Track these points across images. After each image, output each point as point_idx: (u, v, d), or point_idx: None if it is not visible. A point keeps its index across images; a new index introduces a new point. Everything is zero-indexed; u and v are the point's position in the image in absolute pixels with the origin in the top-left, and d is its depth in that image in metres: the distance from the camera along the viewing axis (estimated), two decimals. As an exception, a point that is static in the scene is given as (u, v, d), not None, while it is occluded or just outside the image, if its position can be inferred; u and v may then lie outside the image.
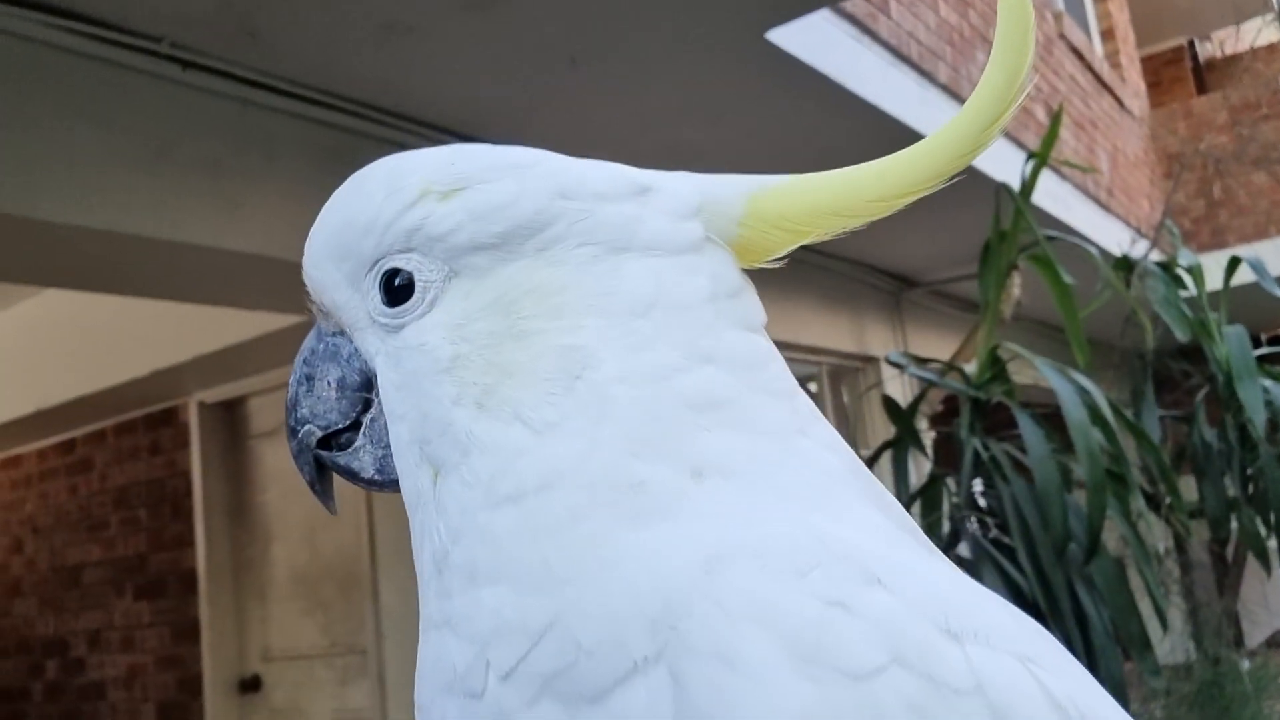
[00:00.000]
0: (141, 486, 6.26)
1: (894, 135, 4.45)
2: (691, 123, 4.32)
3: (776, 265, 0.88)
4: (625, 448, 0.77)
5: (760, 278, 0.89)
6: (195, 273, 3.74)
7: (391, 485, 0.87)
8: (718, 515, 0.74)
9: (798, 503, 0.76)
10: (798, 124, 4.49)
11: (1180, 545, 5.42)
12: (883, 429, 6.58)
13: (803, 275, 5.81)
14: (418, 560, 0.83)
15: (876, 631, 0.68)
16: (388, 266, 0.84)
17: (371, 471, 0.89)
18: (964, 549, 3.48)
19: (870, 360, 7.15)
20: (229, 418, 5.98)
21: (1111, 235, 7.25)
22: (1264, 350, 5.12)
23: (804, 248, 0.87)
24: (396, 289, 0.84)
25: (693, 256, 0.84)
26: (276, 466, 5.70)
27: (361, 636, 5.25)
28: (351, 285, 0.87)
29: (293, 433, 0.91)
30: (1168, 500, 3.78)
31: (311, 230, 0.90)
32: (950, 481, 3.54)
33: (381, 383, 0.86)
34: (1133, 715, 0.85)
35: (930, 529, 3.57)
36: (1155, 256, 5.19)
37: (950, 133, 0.84)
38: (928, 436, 4.24)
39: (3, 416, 6.24)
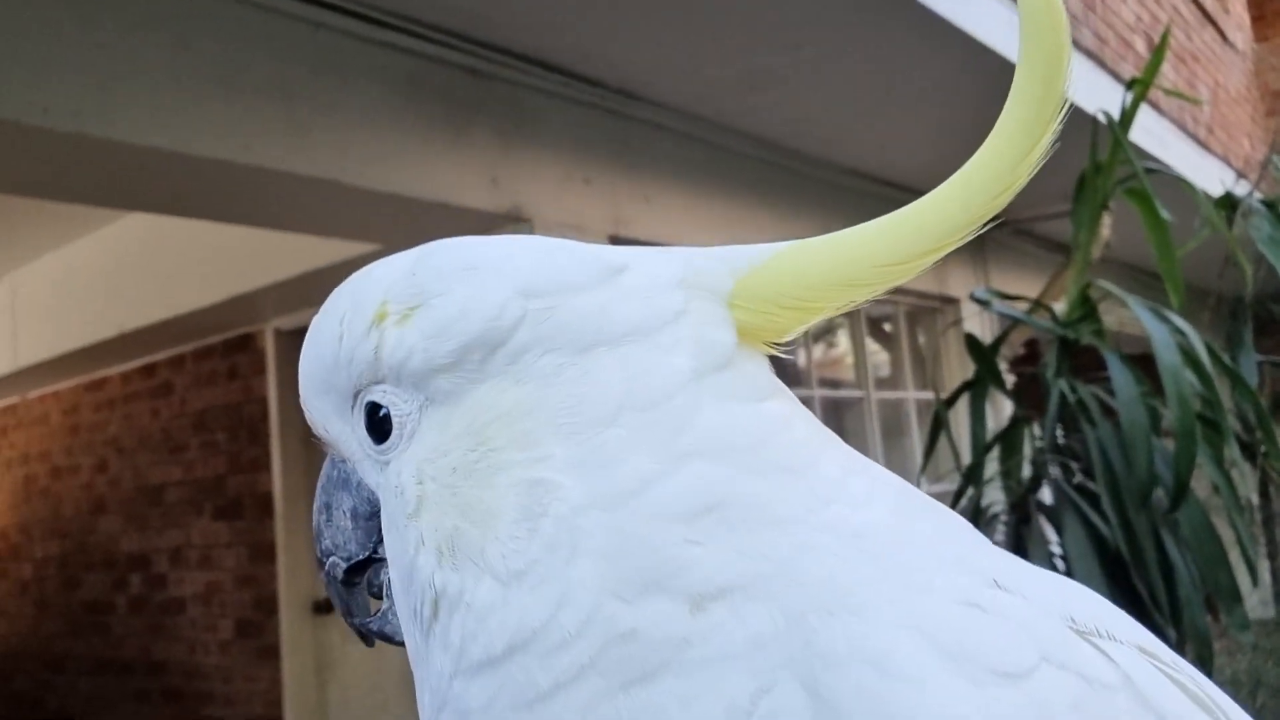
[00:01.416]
0: (220, 410, 6.38)
1: (984, 63, 4.25)
2: (773, 49, 4.17)
3: (787, 354, 0.77)
4: (603, 588, 0.66)
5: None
6: (266, 197, 3.74)
7: None
8: (731, 655, 0.64)
9: (833, 597, 0.65)
10: (882, 51, 4.32)
11: (1266, 495, 5.23)
12: (959, 371, 6.43)
13: (881, 209, 5.63)
14: None
15: (1019, 631, 0.63)
16: (368, 400, 0.77)
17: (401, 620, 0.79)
18: (1045, 494, 3.37)
19: (950, 301, 6.98)
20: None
21: (1210, 174, 6.93)
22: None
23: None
24: (380, 421, 0.76)
25: (671, 329, 0.72)
26: (350, 394, 5.76)
27: (431, 563, 5.31)
28: (340, 418, 0.81)
29: (320, 564, 0.86)
30: (1263, 449, 3.62)
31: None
32: (1034, 425, 3.43)
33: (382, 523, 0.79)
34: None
35: (1009, 473, 3.47)
36: (1258, 196, 4.93)
37: (979, 171, 0.70)
38: (1007, 380, 4.11)
39: (87, 339, 6.39)
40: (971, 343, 3.62)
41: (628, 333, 0.72)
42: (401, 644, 0.80)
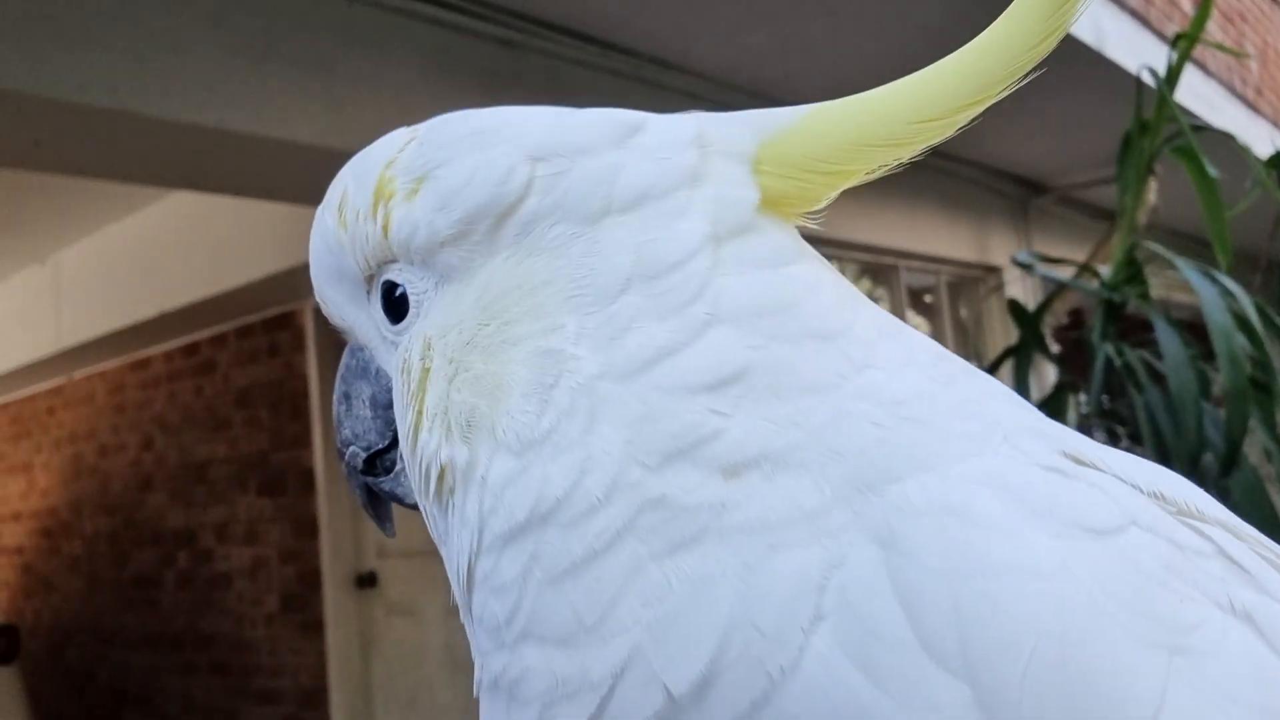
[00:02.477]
0: (262, 387, 6.44)
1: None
2: (806, 13, 4.12)
3: (816, 223, 0.73)
4: (626, 454, 0.63)
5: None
6: (301, 173, 3.74)
7: None
8: (775, 525, 0.61)
9: (888, 463, 0.62)
10: (919, 17, 4.24)
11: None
12: (1002, 341, 6.35)
13: (924, 180, 5.57)
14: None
15: (1103, 495, 0.61)
16: (384, 279, 0.75)
17: (416, 496, 0.79)
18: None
19: (992, 270, 6.89)
20: (343, 321, 6.07)
21: (1260, 136, 6.77)
22: None
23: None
24: (398, 301, 0.75)
25: (684, 193, 0.69)
26: (389, 370, 5.79)
27: (472, 536, 5.34)
28: (355, 305, 0.79)
29: (340, 454, 0.85)
30: (1316, 414, 3.53)
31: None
32: (1079, 391, 3.37)
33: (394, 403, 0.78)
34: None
35: (1053, 439, 3.42)
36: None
37: (1012, 21, 0.66)
38: (1051, 346, 4.04)
39: (130, 319, 6.46)
40: (1015, 308, 3.56)
41: (639, 197, 0.69)
42: (412, 506, 0.79)
